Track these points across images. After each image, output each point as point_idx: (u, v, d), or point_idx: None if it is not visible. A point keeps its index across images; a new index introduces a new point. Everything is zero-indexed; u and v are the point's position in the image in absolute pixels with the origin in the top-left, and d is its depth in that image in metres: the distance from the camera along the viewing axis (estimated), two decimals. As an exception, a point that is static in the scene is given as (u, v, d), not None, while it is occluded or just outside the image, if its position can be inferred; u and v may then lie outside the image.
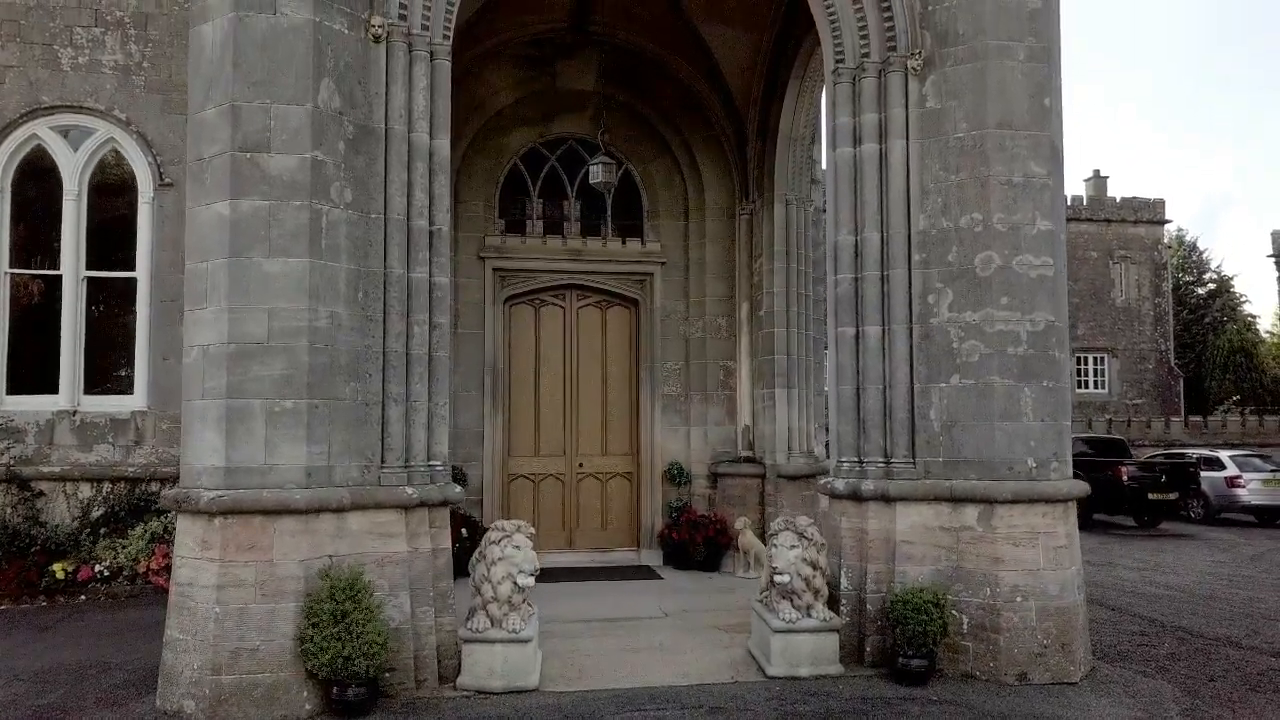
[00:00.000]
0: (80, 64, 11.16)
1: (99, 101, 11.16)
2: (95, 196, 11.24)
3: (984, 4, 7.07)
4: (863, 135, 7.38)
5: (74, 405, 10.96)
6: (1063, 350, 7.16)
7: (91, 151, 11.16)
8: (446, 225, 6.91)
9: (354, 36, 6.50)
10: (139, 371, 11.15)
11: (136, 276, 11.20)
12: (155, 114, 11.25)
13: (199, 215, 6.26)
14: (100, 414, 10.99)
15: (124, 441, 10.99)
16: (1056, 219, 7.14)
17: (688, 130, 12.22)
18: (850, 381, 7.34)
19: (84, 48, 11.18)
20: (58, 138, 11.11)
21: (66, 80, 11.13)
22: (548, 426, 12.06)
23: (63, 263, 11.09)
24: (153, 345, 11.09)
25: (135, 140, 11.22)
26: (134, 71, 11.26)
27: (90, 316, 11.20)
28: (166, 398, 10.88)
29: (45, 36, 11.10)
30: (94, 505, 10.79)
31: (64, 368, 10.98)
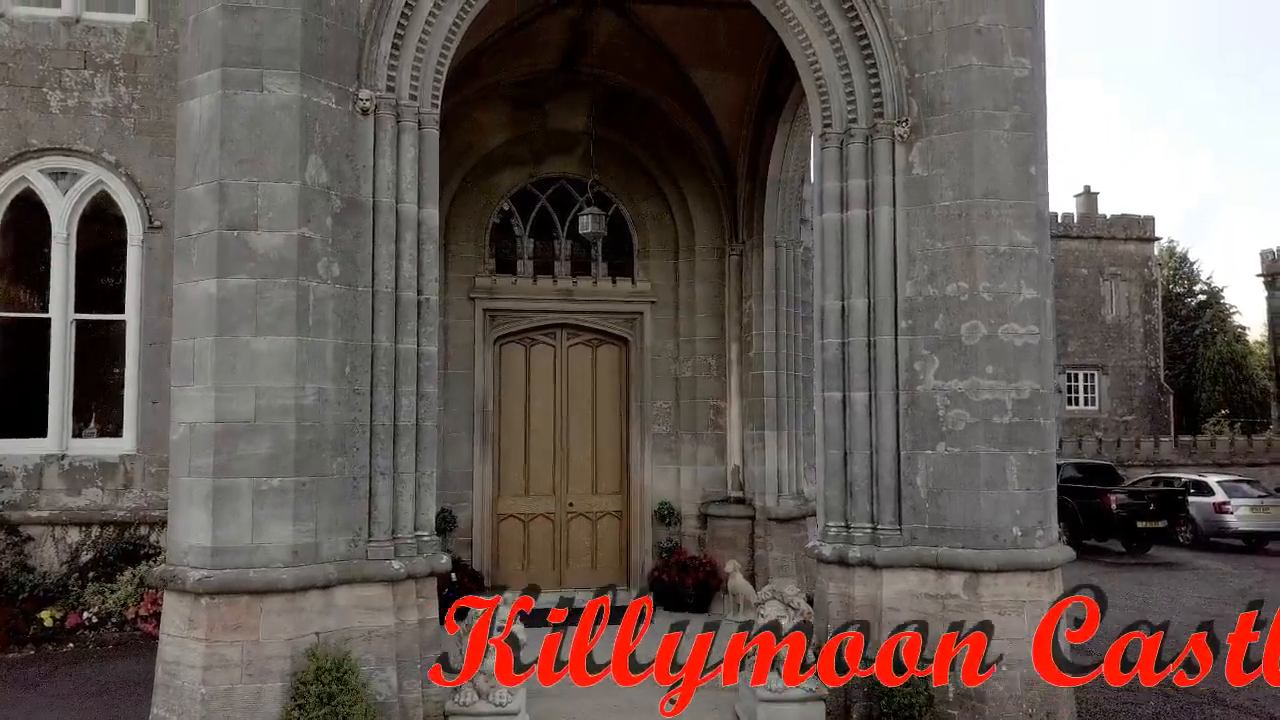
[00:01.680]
0: (69, 106, 11.14)
1: (88, 144, 11.14)
2: (84, 239, 11.22)
3: (970, 73, 7.11)
4: (850, 201, 7.42)
5: (63, 449, 10.94)
6: (1048, 417, 7.20)
7: (80, 195, 11.14)
8: (435, 294, 6.93)
9: (341, 110, 6.50)
10: (128, 415, 11.14)
11: (126, 319, 11.19)
12: (145, 156, 11.23)
13: (186, 291, 6.27)
14: (89, 457, 10.98)
15: (113, 485, 10.97)
16: (1042, 286, 7.18)
17: (678, 170, 12.25)
18: (838, 446, 7.37)
19: (73, 90, 11.16)
20: (47, 181, 11.09)
21: (56, 123, 11.11)
22: (538, 465, 12.08)
23: (51, 305, 11.07)
24: (142, 388, 11.08)
25: (125, 183, 11.20)
26: (123, 114, 11.25)
27: (79, 359, 11.18)
28: (155, 441, 10.86)
29: (34, 79, 11.08)
30: (83, 550, 10.78)
31: (52, 411, 10.96)
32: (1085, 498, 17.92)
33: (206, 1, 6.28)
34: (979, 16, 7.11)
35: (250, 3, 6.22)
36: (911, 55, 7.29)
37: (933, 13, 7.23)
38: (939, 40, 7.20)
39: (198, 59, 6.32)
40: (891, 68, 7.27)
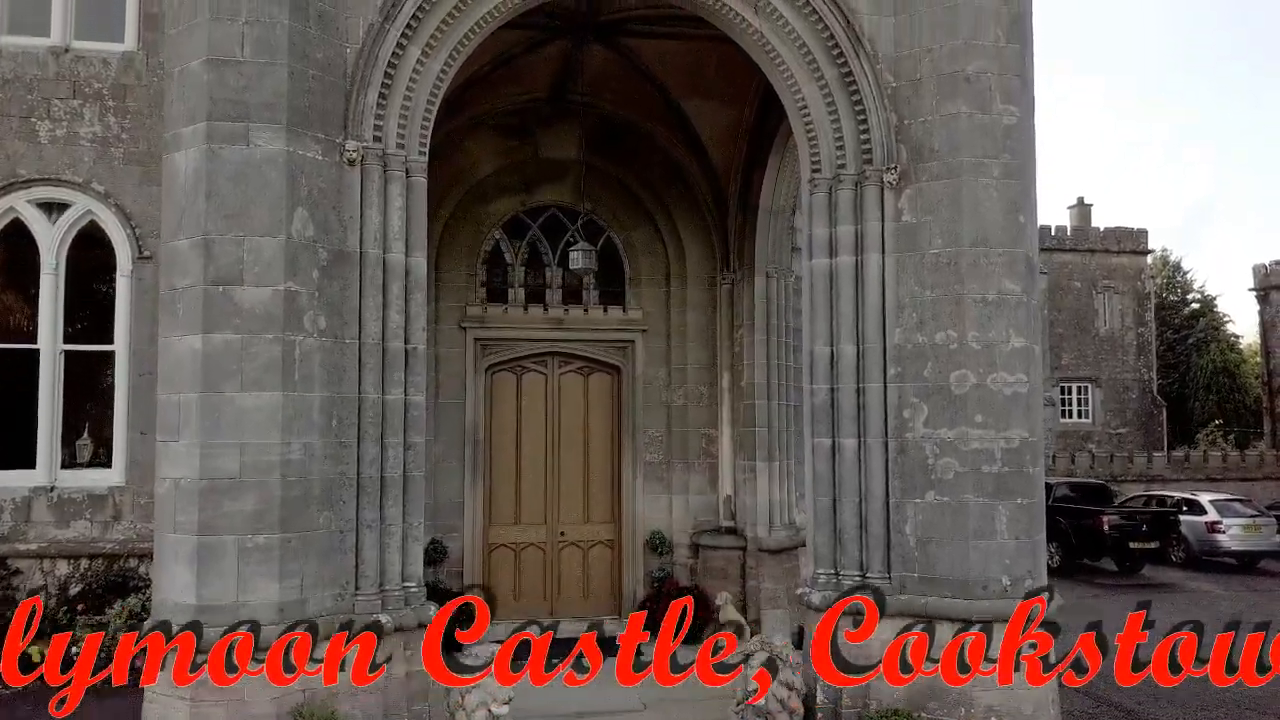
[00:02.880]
0: (58, 136, 11.07)
1: (77, 174, 11.08)
2: (73, 269, 11.17)
3: (959, 121, 7.10)
4: (839, 247, 7.41)
5: (51, 481, 10.87)
6: (1036, 464, 7.20)
7: (69, 225, 11.06)
8: (423, 343, 6.91)
9: (328, 162, 6.48)
10: (117, 446, 11.07)
11: (115, 349, 11.13)
12: (134, 186, 11.17)
13: (171, 346, 6.24)
14: (78, 489, 10.91)
15: (102, 517, 10.91)
16: (1031, 334, 7.18)
17: (669, 198, 12.23)
18: (827, 493, 7.36)
19: (62, 120, 11.10)
20: (36, 212, 11.01)
21: (44, 153, 11.04)
22: (529, 494, 12.05)
23: (40, 336, 11.00)
24: (131, 420, 11.01)
25: (114, 213, 11.14)
26: (112, 143, 11.19)
27: (68, 390, 11.13)
28: (144, 473, 10.77)
29: (23, 109, 11.02)
30: (71, 583, 10.71)
31: (41, 443, 10.88)
32: (1078, 518, 17.97)
33: (192, 54, 6.26)
34: (968, 64, 7.11)
35: (236, 56, 6.19)
36: (900, 102, 7.29)
37: (921, 60, 7.23)
38: (928, 87, 7.20)
39: (183, 111, 6.29)
40: (881, 114, 7.27)
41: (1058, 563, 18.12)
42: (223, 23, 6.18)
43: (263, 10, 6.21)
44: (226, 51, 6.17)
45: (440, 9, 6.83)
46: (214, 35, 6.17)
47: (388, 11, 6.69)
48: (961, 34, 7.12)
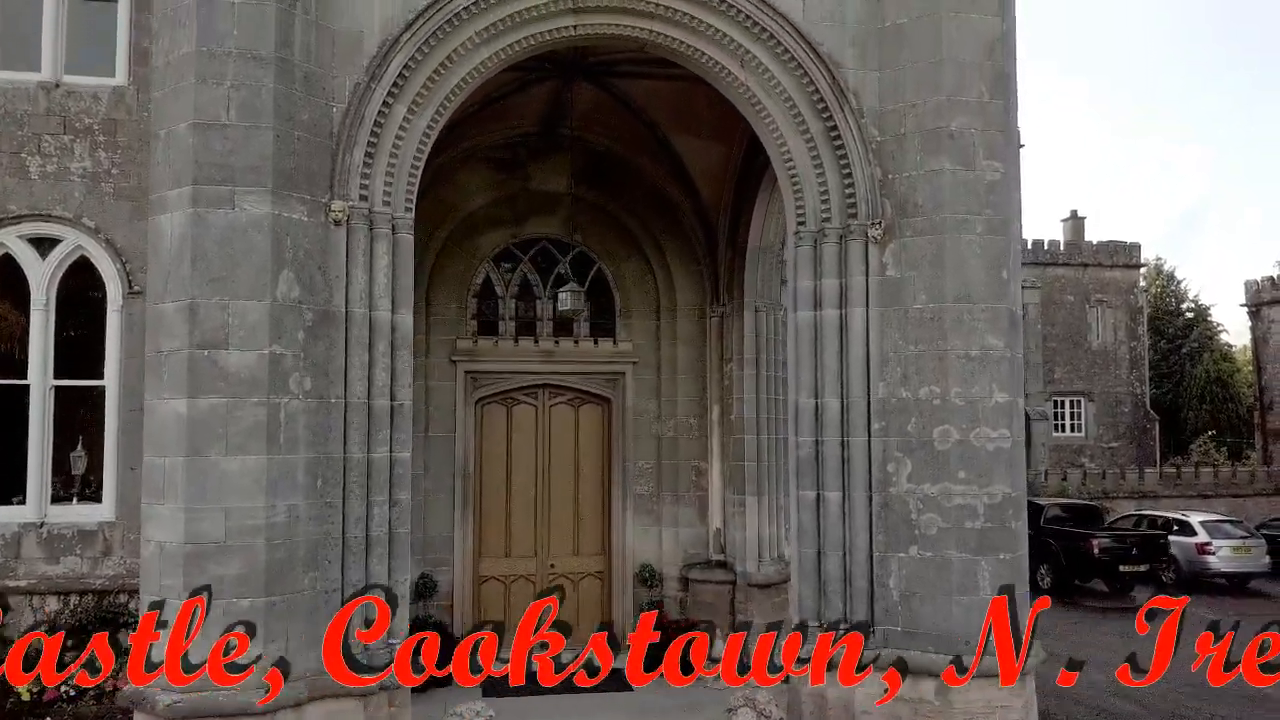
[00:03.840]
0: (49, 172, 11.07)
1: (67, 209, 11.08)
2: (64, 304, 11.18)
3: (942, 177, 7.15)
4: (823, 300, 7.45)
5: (41, 517, 10.87)
6: (1019, 519, 7.24)
7: (60, 261, 11.05)
8: (408, 399, 6.94)
9: (314, 222, 6.51)
10: (107, 482, 11.07)
11: (106, 384, 11.15)
12: (124, 221, 11.17)
13: (157, 409, 6.27)
14: (68, 525, 10.91)
15: (92, 553, 10.92)
16: (1014, 388, 7.23)
17: (659, 231, 12.26)
18: (811, 545, 7.40)
19: (52, 155, 11.10)
20: (26, 247, 11.01)
21: (35, 188, 11.05)
22: (519, 527, 12.07)
23: (30, 372, 11.01)
24: (121, 455, 11.01)
25: (104, 248, 11.13)
26: (102, 179, 11.19)
27: (58, 425, 11.14)
28: (134, 508, 10.71)
29: (13, 145, 11.02)
30: (61, 618, 10.72)
31: (31, 479, 10.89)
32: (1069, 540, 18.06)
33: (178, 117, 6.29)
34: (951, 120, 7.15)
35: (221, 120, 6.22)
36: (885, 156, 7.34)
37: (906, 115, 7.28)
38: (912, 143, 7.24)
39: (169, 174, 6.32)
40: (865, 169, 7.31)
41: (1049, 584, 18.20)
42: (208, 86, 6.21)
43: (248, 74, 6.24)
44: (212, 115, 6.20)
45: (425, 67, 6.87)
46: (199, 99, 6.20)
47: (374, 71, 6.72)
48: (945, 90, 7.16)
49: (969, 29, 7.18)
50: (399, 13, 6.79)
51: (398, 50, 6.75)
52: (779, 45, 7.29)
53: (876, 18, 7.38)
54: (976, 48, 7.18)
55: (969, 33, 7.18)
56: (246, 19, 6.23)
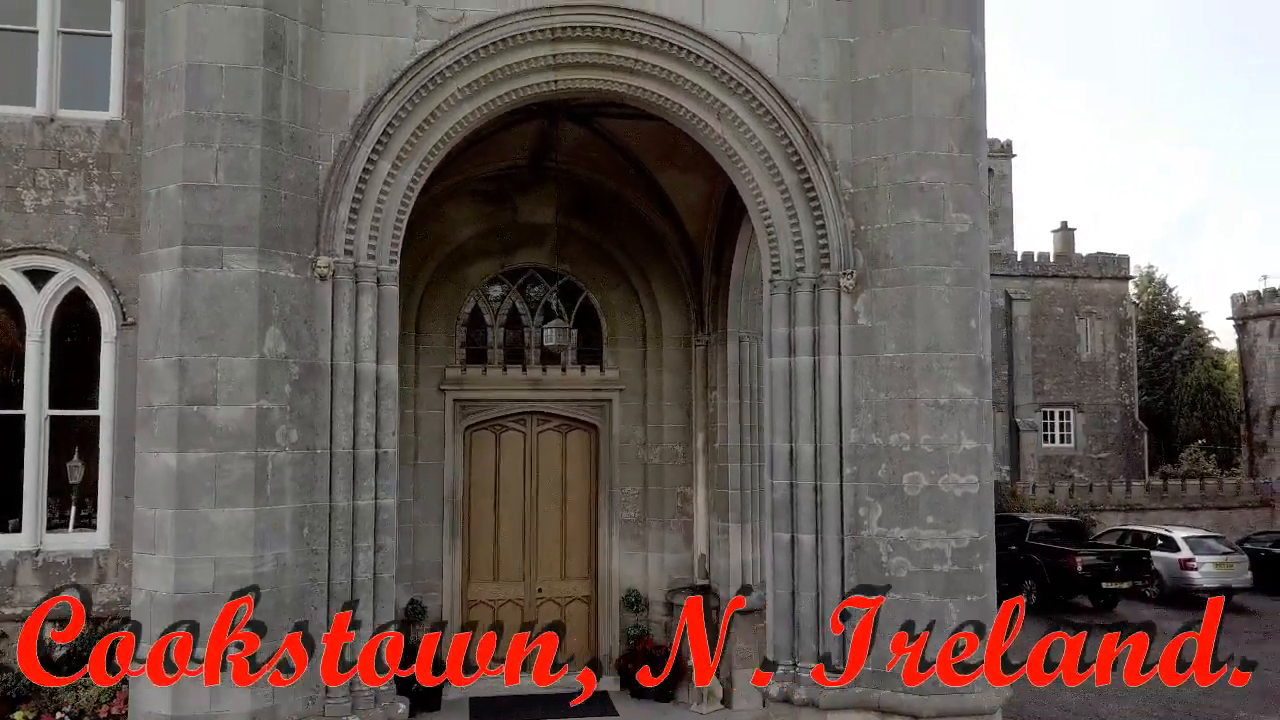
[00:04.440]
0: (43, 205, 11.24)
1: (62, 242, 11.25)
2: (59, 335, 11.36)
3: (913, 229, 7.36)
4: (797, 347, 7.66)
5: (37, 545, 11.03)
6: (986, 560, 7.46)
7: (54, 293, 11.21)
8: (393, 447, 7.13)
9: (300, 278, 6.71)
10: (101, 509, 11.24)
11: (100, 414, 11.33)
12: (118, 253, 11.33)
13: (147, 461, 6.47)
14: (63, 553, 11.07)
15: (86, 580, 11.08)
16: (982, 435, 7.43)
17: (645, 261, 12.45)
18: (786, 586, 7.61)
19: (47, 189, 11.26)
20: (21, 279, 11.18)
21: (30, 222, 11.21)
22: (507, 551, 12.27)
23: (26, 402, 11.18)
24: (115, 483, 11.18)
25: (98, 280, 11.29)
26: (97, 212, 11.35)
27: (53, 454, 11.33)
28: (128, 536, 10.96)
29: (9, 179, 11.19)
30: (56, 646, 10.91)
31: (27, 508, 11.05)
32: (1053, 557, 18.31)
33: (167, 179, 6.49)
34: (921, 174, 7.36)
35: (210, 181, 6.42)
36: (858, 208, 7.54)
37: (878, 168, 7.48)
38: (884, 195, 7.45)
39: (159, 234, 6.53)
40: (838, 220, 7.52)
41: (1034, 600, 18.45)
42: (197, 149, 6.41)
43: (236, 136, 6.44)
44: (201, 177, 6.40)
45: (409, 124, 7.07)
46: (189, 161, 6.40)
47: (358, 129, 6.92)
48: (916, 145, 7.37)
49: (939, 85, 7.38)
50: (383, 72, 6.99)
51: (382, 109, 6.95)
52: (754, 100, 7.49)
53: (849, 73, 7.58)
54: (946, 103, 7.38)
55: (939, 89, 7.38)
56: (234, 83, 6.43)
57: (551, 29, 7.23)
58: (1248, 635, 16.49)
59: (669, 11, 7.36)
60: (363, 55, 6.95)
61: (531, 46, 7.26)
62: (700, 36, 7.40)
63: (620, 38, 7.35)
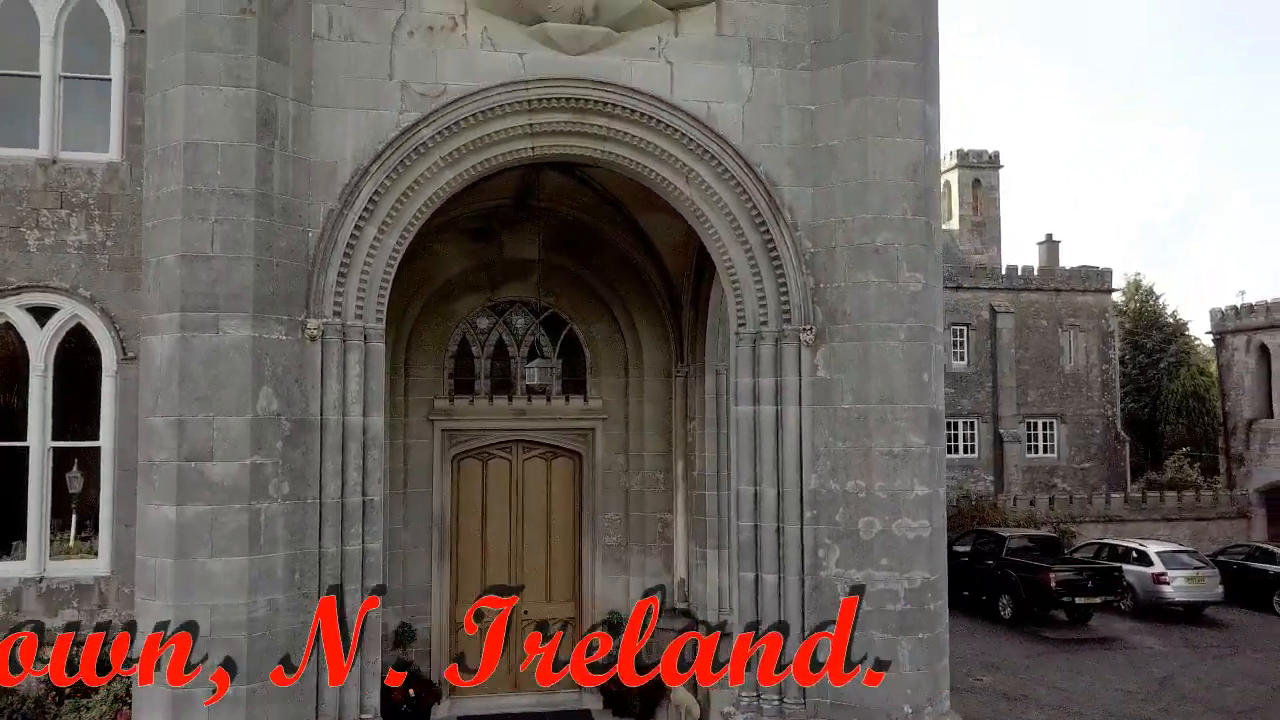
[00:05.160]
0: (46, 245, 11.69)
1: (64, 280, 11.70)
2: (61, 370, 11.81)
3: (869, 289, 7.82)
4: (761, 397, 8.12)
5: (41, 572, 11.51)
6: (938, 600, 7.92)
7: (57, 329, 11.67)
8: (379, 495, 7.59)
9: (291, 340, 7.16)
10: (102, 537, 11.70)
11: (101, 446, 11.78)
12: (119, 290, 11.79)
13: (148, 513, 6.92)
14: (66, 579, 11.55)
15: (88, 606, 11.55)
16: (934, 481, 7.90)
17: (627, 295, 12.92)
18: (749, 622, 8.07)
19: (50, 229, 11.72)
20: (25, 316, 11.63)
21: (33, 261, 11.67)
22: (494, 575, 12.72)
23: (30, 434, 11.64)
24: (116, 512, 11.64)
25: (99, 316, 11.76)
26: (98, 250, 11.81)
27: (56, 484, 11.77)
28: (128, 562, 11.42)
29: (13, 219, 11.63)
30: (60, 669, 11.36)
31: (31, 536, 11.52)
32: (1028, 572, 18.83)
33: (166, 249, 6.94)
34: (877, 236, 7.82)
35: (206, 252, 6.87)
36: (817, 267, 8.00)
37: (836, 230, 7.94)
38: (841, 256, 7.91)
39: (159, 300, 6.97)
40: (799, 278, 7.98)
41: (1010, 615, 18.97)
42: (194, 221, 6.86)
43: (231, 209, 6.89)
44: (198, 248, 6.85)
45: (394, 192, 7.52)
46: (187, 233, 6.85)
47: (346, 198, 7.37)
48: (872, 208, 7.83)
49: (894, 152, 7.84)
50: (369, 144, 7.44)
51: (368, 178, 7.40)
52: (720, 165, 7.95)
53: (810, 139, 8.04)
54: (901, 169, 7.84)
55: (894, 155, 7.84)
56: (229, 160, 6.88)
57: (528, 100, 7.68)
58: (1216, 650, 17.02)
59: (639, 83, 7.82)
60: (350, 128, 7.40)
61: (510, 117, 7.71)
62: (669, 106, 7.86)
63: (593, 108, 7.80)
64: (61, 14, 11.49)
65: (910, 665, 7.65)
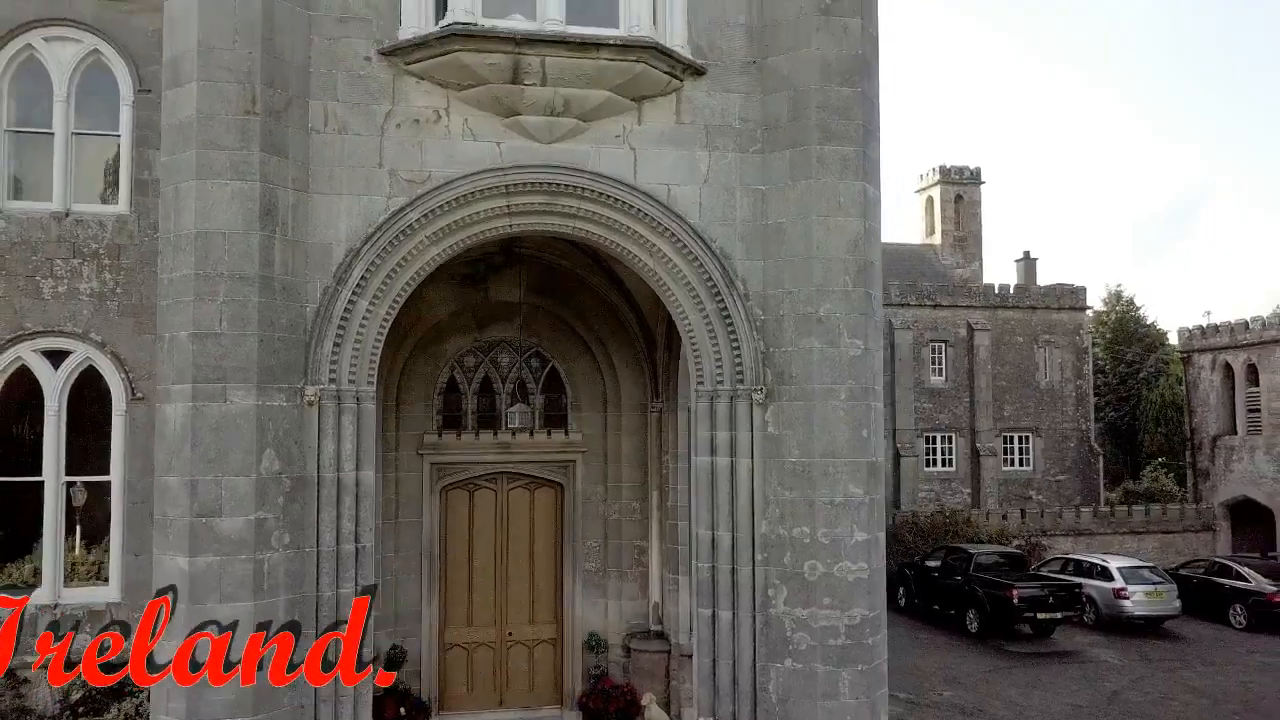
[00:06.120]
0: (60, 292, 12.50)
1: (77, 325, 12.50)
2: (74, 409, 12.61)
3: (813, 354, 8.65)
4: (717, 449, 8.95)
5: (55, 600, 12.31)
6: (876, 634, 8.76)
7: (70, 371, 12.47)
8: (370, 542, 8.41)
9: (291, 406, 7.98)
10: (113, 566, 12.51)
11: (111, 480, 12.58)
12: (128, 335, 12.59)
13: (164, 562, 7.74)
14: (79, 606, 12.34)
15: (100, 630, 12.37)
16: (873, 527, 8.74)
17: (605, 335, 13.75)
18: (708, 655, 8.92)
19: (63, 278, 12.52)
20: (40, 359, 12.44)
21: (48, 307, 12.46)
22: (480, 599, 13.56)
23: (44, 469, 12.44)
24: (125, 542, 12.46)
25: (110, 359, 12.56)
26: (108, 297, 12.61)
27: (69, 515, 12.58)
28: (138, 590, 12.24)
29: (28, 269, 12.43)
30: (74, 690, 12.16)
31: (46, 565, 12.32)
32: (993, 588, 19.72)
33: (179, 327, 7.75)
34: (820, 306, 8.66)
35: (215, 330, 7.69)
36: (767, 333, 8.83)
37: (784, 300, 8.77)
38: (789, 323, 8.74)
39: (172, 372, 7.79)
40: (751, 343, 8.81)
41: (977, 629, 19.86)
42: (205, 302, 7.68)
43: (237, 291, 7.70)
44: (208, 326, 7.67)
45: (383, 269, 8.34)
46: (197, 313, 7.67)
47: (340, 276, 8.19)
48: (815, 280, 8.66)
49: (836, 229, 8.68)
50: (361, 226, 8.26)
51: (360, 258, 8.22)
52: (679, 241, 8.78)
53: (761, 217, 8.87)
54: (842, 245, 8.67)
55: (836, 232, 8.67)
56: (235, 247, 7.70)
57: (506, 185, 8.51)
58: (1168, 663, 17.88)
59: (606, 169, 8.65)
60: (343, 212, 8.22)
61: (489, 199, 8.54)
62: (632, 189, 8.69)
63: (564, 190, 8.63)
64: (73, 76, 12.30)
65: (850, 694, 8.49)
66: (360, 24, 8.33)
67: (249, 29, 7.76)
